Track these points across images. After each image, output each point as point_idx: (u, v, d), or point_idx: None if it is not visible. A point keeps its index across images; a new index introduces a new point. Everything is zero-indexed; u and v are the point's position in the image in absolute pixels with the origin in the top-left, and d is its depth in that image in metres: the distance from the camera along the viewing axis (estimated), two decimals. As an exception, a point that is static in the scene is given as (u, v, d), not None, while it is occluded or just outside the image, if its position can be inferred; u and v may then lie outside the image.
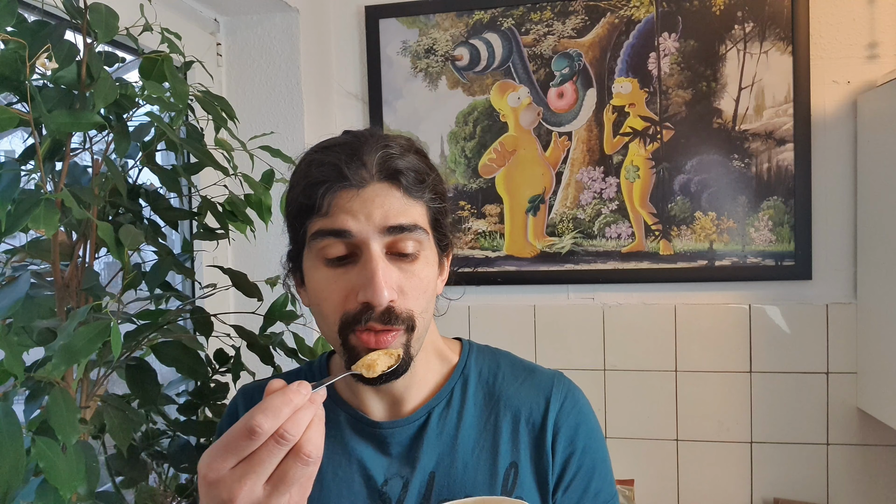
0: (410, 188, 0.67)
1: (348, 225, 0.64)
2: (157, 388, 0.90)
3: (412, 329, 0.67)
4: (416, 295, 0.67)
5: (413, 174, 0.68)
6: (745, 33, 1.58)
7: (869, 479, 1.55)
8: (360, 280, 0.64)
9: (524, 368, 0.80)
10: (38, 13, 1.00)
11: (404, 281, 0.67)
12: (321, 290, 0.67)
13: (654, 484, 1.65)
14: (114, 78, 0.82)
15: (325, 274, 0.67)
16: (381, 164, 0.66)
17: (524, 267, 1.71)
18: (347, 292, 0.66)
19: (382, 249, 0.66)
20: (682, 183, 1.63)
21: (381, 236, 0.65)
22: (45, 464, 0.68)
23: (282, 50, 1.57)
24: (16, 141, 1.11)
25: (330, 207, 0.65)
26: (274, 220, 1.07)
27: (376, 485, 0.73)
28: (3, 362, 0.68)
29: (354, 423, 0.76)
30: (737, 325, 1.61)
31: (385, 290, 0.63)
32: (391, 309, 0.65)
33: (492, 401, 0.76)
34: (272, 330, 1.10)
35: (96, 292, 0.83)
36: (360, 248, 0.65)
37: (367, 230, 0.65)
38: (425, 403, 0.75)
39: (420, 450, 0.73)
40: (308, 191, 0.66)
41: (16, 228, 0.70)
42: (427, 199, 0.70)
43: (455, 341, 0.83)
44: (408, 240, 0.66)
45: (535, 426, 0.74)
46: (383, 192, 0.66)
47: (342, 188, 0.65)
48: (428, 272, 0.69)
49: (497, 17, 1.69)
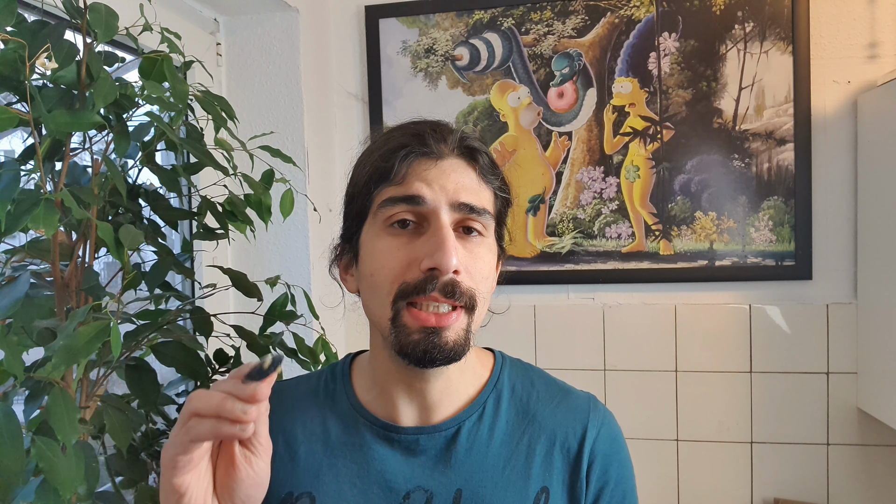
0: (485, 170, 0.68)
1: (423, 191, 0.64)
2: (156, 388, 0.90)
3: (472, 309, 0.66)
4: (478, 277, 0.66)
5: (488, 158, 0.70)
6: (745, 33, 1.58)
7: (869, 479, 1.55)
8: (427, 248, 0.63)
9: (559, 389, 0.77)
10: (37, 13, 1.00)
11: (469, 260, 0.66)
12: (381, 258, 0.66)
13: (654, 484, 1.65)
14: (113, 78, 0.82)
15: (389, 242, 0.66)
16: (460, 142, 0.68)
17: (524, 267, 1.70)
18: (410, 261, 0.64)
19: (452, 223, 0.65)
20: (682, 183, 1.63)
21: (452, 210, 0.65)
22: (45, 464, 0.68)
23: (282, 50, 1.57)
24: (15, 141, 1.11)
25: (406, 175, 0.65)
26: (273, 219, 1.07)
27: (398, 497, 0.69)
28: (3, 362, 0.68)
29: (377, 428, 0.72)
30: (737, 325, 1.61)
31: (454, 257, 0.62)
32: (455, 282, 0.63)
33: (525, 419, 0.73)
34: (272, 330, 1.09)
35: (96, 292, 0.82)
36: (430, 217, 0.65)
37: (440, 200, 0.64)
38: (456, 414, 0.72)
39: (448, 463, 0.70)
40: (387, 155, 0.66)
41: (15, 228, 0.70)
42: (497, 188, 0.70)
43: (486, 351, 0.80)
44: (476, 221, 0.66)
45: (570, 453, 0.72)
46: (460, 167, 0.67)
47: (422, 155, 0.66)
48: (490, 258, 0.69)
49: (497, 17, 1.69)
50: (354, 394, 0.75)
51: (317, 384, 0.78)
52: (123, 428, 0.83)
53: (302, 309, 1.11)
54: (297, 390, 0.78)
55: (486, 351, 0.80)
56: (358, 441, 0.72)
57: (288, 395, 0.78)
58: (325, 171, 1.68)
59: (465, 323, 0.65)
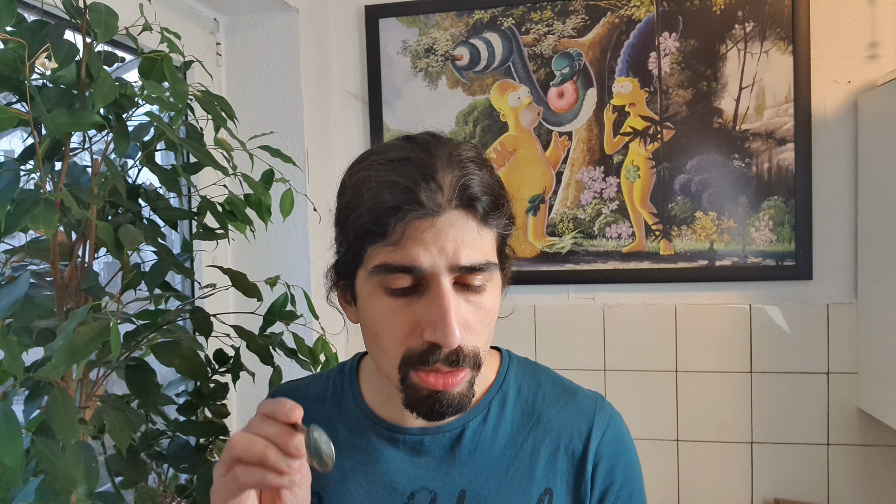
0: (487, 216, 0.63)
1: (420, 261, 0.60)
2: (156, 388, 0.90)
3: (478, 367, 0.65)
4: (481, 329, 0.64)
5: (490, 200, 0.63)
6: (745, 33, 1.58)
7: (869, 479, 1.55)
8: (428, 316, 0.60)
9: (565, 389, 0.77)
10: (37, 13, 1.00)
11: (471, 315, 0.63)
12: (382, 322, 0.63)
13: (654, 484, 1.65)
14: (113, 78, 0.82)
15: (388, 304, 0.63)
16: (459, 190, 0.61)
17: (524, 267, 1.70)
18: (412, 327, 0.62)
19: (451, 282, 0.62)
20: (682, 183, 1.63)
21: (453, 272, 0.61)
22: (45, 464, 0.68)
23: (282, 50, 1.57)
24: (15, 141, 1.11)
25: (401, 238, 0.60)
26: (273, 219, 1.07)
27: (403, 498, 0.70)
28: (3, 362, 0.68)
29: (382, 430, 0.72)
30: (737, 325, 1.61)
31: (457, 332, 0.60)
32: (459, 350, 0.62)
33: (530, 420, 0.73)
34: (272, 330, 1.09)
35: (96, 292, 0.82)
36: (429, 280, 0.61)
37: (440, 265, 0.60)
38: (461, 416, 0.72)
39: (452, 464, 0.70)
40: (377, 215, 0.61)
41: (15, 228, 0.70)
42: (500, 227, 0.65)
43: (493, 351, 0.79)
44: (477, 275, 0.63)
45: (575, 454, 0.71)
46: (459, 220, 0.61)
47: (417, 217, 0.60)
48: (494, 303, 0.66)
49: (497, 17, 1.69)
50: (361, 395, 0.76)
51: (325, 387, 0.79)
52: (123, 428, 0.83)
53: (302, 309, 1.11)
54: (307, 392, 0.80)
55: (494, 351, 0.80)
56: (364, 442, 0.73)
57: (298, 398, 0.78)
58: (325, 171, 1.68)
59: (470, 376, 0.65)
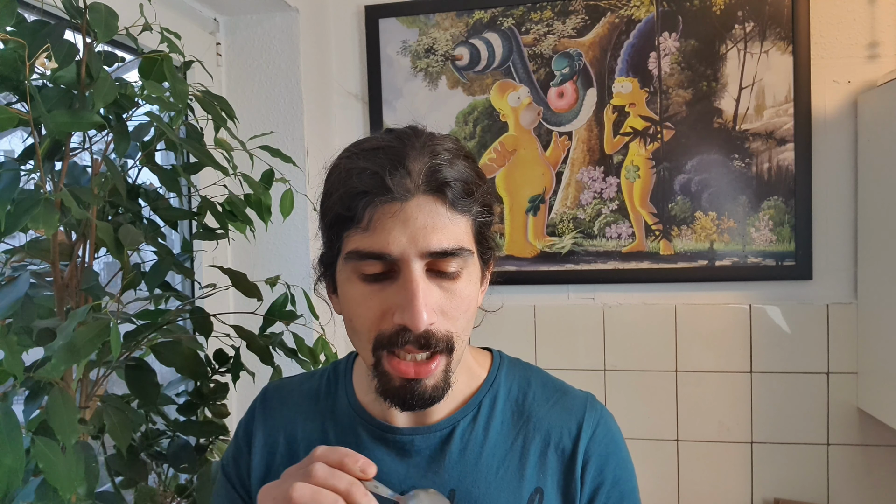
0: (457, 201, 0.63)
1: (389, 248, 0.61)
2: (156, 388, 0.90)
3: (451, 351, 0.64)
4: (456, 315, 0.64)
5: (461, 185, 0.63)
6: (745, 33, 1.58)
7: (869, 479, 1.55)
8: (398, 300, 0.61)
9: (556, 389, 0.76)
10: (37, 13, 1.00)
11: (445, 301, 0.63)
12: (356, 306, 0.64)
13: (654, 484, 1.65)
14: (113, 78, 0.82)
15: (361, 290, 0.64)
16: (427, 175, 0.62)
17: (524, 267, 1.70)
18: (384, 311, 0.63)
19: (423, 268, 0.62)
20: (682, 183, 1.63)
21: (423, 258, 0.62)
22: (45, 464, 0.68)
23: (282, 50, 1.57)
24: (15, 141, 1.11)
25: (371, 222, 0.61)
26: (273, 219, 1.07)
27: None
28: (3, 362, 0.68)
29: (373, 429, 0.72)
30: (737, 325, 1.61)
31: (424, 314, 0.60)
32: (429, 332, 0.62)
33: (521, 420, 0.73)
34: (272, 330, 1.09)
35: (96, 292, 0.82)
36: (400, 265, 0.62)
37: (409, 251, 0.61)
38: (451, 415, 0.72)
39: (441, 464, 0.70)
40: (347, 201, 0.62)
41: (15, 228, 0.70)
42: (474, 213, 0.65)
43: (485, 352, 0.80)
44: (451, 261, 0.63)
45: (564, 453, 0.71)
46: (427, 206, 0.62)
47: (384, 202, 0.61)
48: (470, 290, 0.66)
49: (497, 17, 1.69)
50: (354, 394, 0.76)
51: (318, 385, 0.79)
52: (123, 428, 0.83)
53: (302, 309, 1.11)
54: (300, 390, 0.79)
55: (485, 351, 0.80)
56: (355, 441, 0.72)
57: (291, 395, 0.79)
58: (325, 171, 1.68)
59: (444, 364, 0.65)
